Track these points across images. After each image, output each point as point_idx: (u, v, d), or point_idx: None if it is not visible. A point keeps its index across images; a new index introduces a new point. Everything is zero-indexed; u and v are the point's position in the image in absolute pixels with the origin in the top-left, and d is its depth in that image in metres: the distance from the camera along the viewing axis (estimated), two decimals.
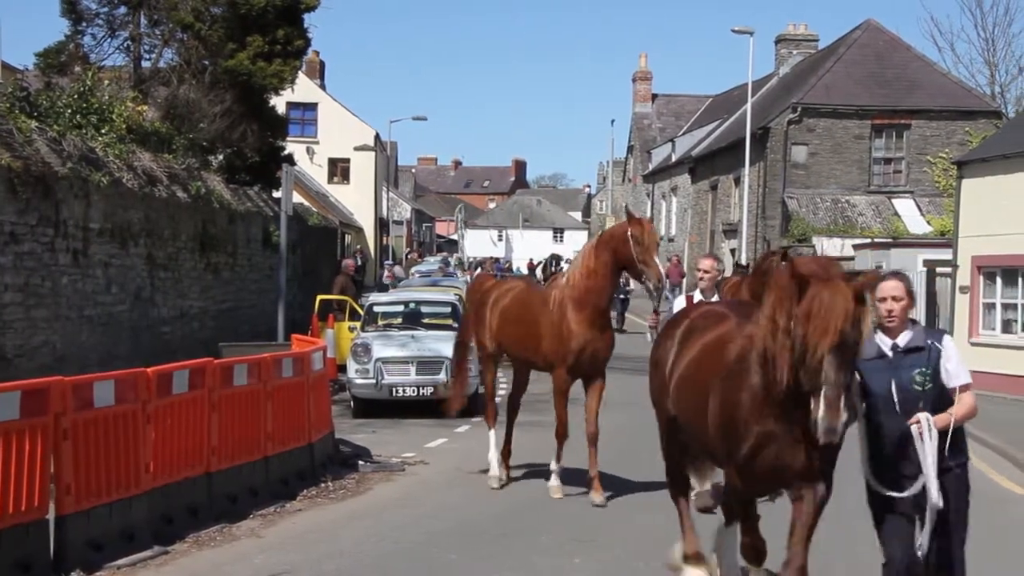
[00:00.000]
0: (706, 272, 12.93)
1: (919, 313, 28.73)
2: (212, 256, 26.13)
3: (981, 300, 27.06)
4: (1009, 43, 73.24)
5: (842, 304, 6.65)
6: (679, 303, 12.58)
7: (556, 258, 69.13)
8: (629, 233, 12.63)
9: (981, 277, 27.01)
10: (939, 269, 28.77)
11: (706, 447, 8.14)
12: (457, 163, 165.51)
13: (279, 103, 36.15)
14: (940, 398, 7.15)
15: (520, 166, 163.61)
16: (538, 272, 60.69)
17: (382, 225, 70.03)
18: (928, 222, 42.70)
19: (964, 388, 7.22)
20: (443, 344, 20.51)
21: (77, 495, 9.32)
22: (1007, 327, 26.54)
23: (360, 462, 15.06)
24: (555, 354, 13.06)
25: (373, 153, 66.61)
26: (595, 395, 13.15)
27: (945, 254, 29.17)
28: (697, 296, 12.52)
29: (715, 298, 11.99)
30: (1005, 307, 26.62)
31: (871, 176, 45.25)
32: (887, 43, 48.14)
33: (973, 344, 26.85)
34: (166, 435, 10.64)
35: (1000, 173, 26.46)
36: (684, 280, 44.74)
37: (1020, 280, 25.98)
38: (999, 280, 26.64)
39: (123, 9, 29.98)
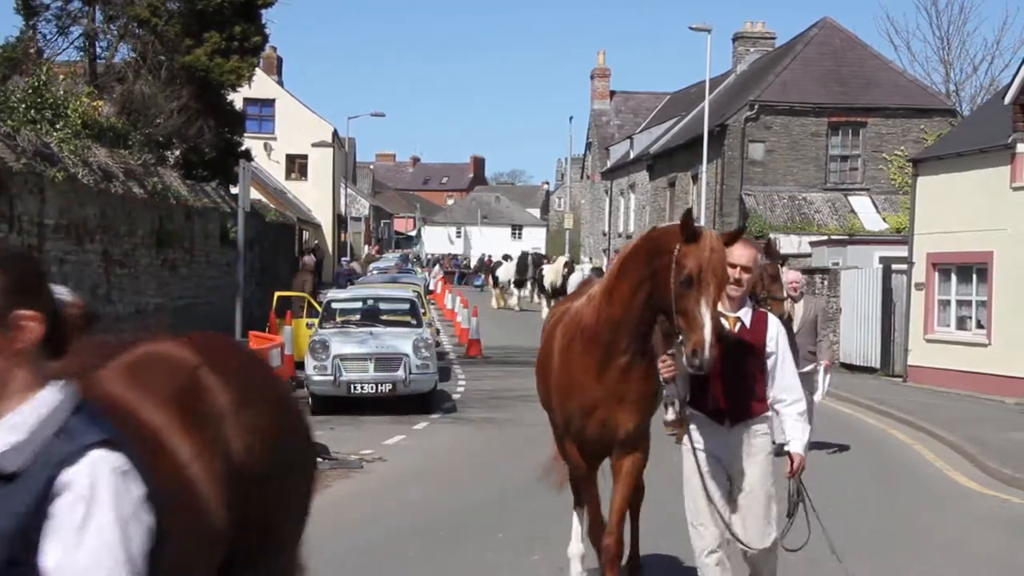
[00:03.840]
0: (797, 283, 12.51)
1: (875, 311, 28.97)
2: (169, 252, 25.96)
3: (936, 297, 27.27)
4: (964, 42, 74.08)
5: None
6: None
7: (536, 259, 54.79)
8: (676, 254, 7.00)
9: (936, 274, 27.21)
10: (895, 266, 28.96)
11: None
12: (415, 160, 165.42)
13: (236, 99, 35.96)
14: None
15: (478, 163, 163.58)
16: (502, 274, 53.81)
17: (340, 222, 69.86)
18: (884, 219, 42.98)
19: None
20: (401, 341, 20.50)
21: None
22: (962, 324, 26.75)
23: (318, 459, 14.99)
24: (560, 416, 8.24)
25: (331, 149, 66.40)
26: (621, 483, 7.99)
27: (901, 251, 29.38)
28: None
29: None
30: (960, 304, 26.83)
31: (828, 173, 45.51)
32: (844, 41, 48.42)
33: (928, 340, 27.08)
34: None
35: (955, 171, 26.67)
36: None
37: (975, 277, 26.20)
38: (954, 277, 26.85)
39: (78, 3, 29.74)
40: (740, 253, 7.27)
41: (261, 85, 51.41)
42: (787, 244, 40.24)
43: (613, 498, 7.93)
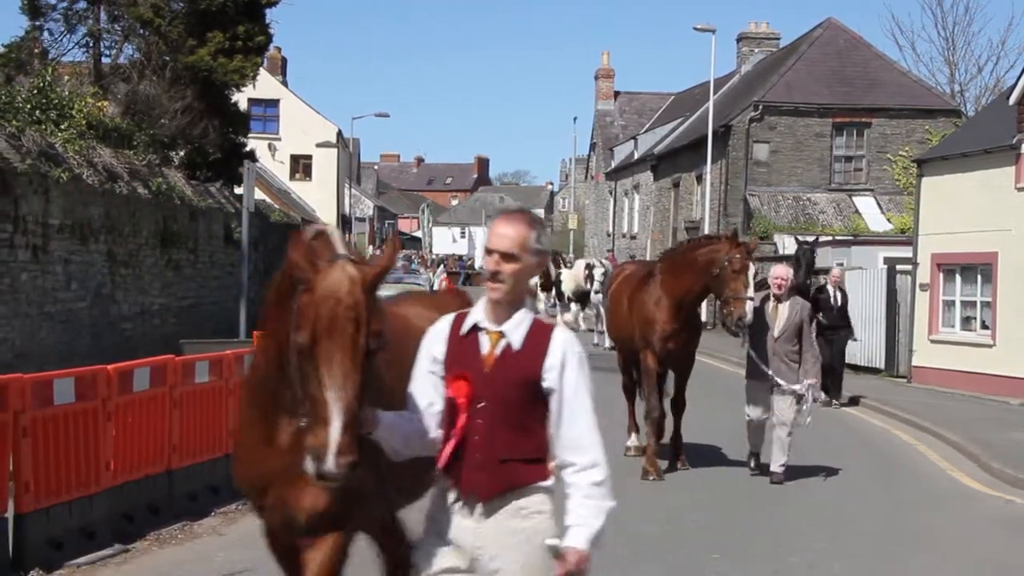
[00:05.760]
0: (783, 280, 14.15)
1: (879, 312, 28.97)
2: (173, 252, 25.98)
3: (941, 297, 27.23)
4: (969, 42, 73.73)
5: None
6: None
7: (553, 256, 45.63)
8: (298, 297, 4.71)
9: (941, 274, 27.18)
10: (899, 267, 28.91)
11: None
12: (420, 160, 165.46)
13: (241, 99, 35.93)
14: None
15: (483, 163, 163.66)
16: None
17: (344, 222, 69.89)
18: (888, 220, 42.96)
19: None
20: None
21: (37, 493, 9.24)
22: (966, 324, 26.72)
23: None
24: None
25: (335, 150, 66.43)
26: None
27: (905, 252, 29.33)
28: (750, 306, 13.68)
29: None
30: (964, 304, 26.80)
31: (832, 174, 45.50)
32: (848, 42, 48.41)
33: (933, 341, 27.05)
34: (127, 432, 10.56)
35: (959, 171, 26.64)
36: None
37: (979, 277, 26.16)
38: (958, 277, 26.81)
39: (83, 4, 29.76)
40: (501, 233, 4.77)
41: (265, 85, 51.44)
42: (791, 245, 40.25)
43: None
